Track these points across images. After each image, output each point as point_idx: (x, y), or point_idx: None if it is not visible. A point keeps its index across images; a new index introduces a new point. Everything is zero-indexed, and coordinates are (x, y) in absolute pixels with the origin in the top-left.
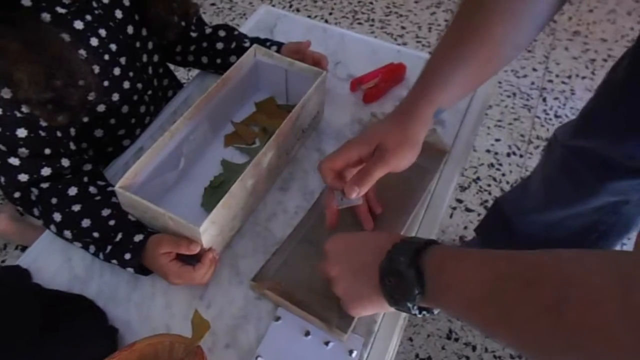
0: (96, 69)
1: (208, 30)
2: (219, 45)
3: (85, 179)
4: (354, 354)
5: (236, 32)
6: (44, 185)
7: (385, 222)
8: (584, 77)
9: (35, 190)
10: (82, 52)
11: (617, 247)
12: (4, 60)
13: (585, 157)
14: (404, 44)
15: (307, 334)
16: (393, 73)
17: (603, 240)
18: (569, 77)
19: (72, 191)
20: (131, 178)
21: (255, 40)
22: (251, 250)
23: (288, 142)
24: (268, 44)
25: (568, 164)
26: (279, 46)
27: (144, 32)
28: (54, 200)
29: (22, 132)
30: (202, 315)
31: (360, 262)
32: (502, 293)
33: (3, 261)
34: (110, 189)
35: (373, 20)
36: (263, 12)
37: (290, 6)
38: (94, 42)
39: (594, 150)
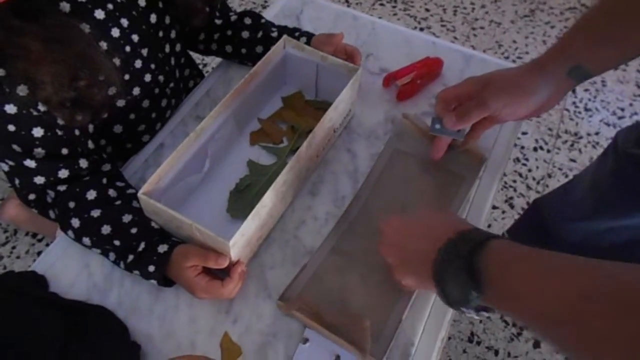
0: (117, 62)
1: (233, 17)
2: (245, 34)
3: (104, 181)
4: None
5: (263, 20)
6: (61, 187)
7: None
8: (616, 69)
9: (51, 193)
10: (103, 44)
11: None
12: (25, 61)
13: None
14: (428, 27)
15: (338, 358)
16: (429, 68)
17: None
18: None
19: (91, 195)
20: (154, 183)
21: (283, 29)
22: (279, 260)
23: (320, 145)
24: (297, 34)
25: (625, 173)
26: (309, 37)
27: (167, 19)
28: (71, 204)
29: (38, 132)
30: (232, 339)
31: (418, 251)
32: (587, 316)
33: (13, 247)
34: (130, 191)
35: (396, 1)
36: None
37: None
38: (115, 32)
39: None
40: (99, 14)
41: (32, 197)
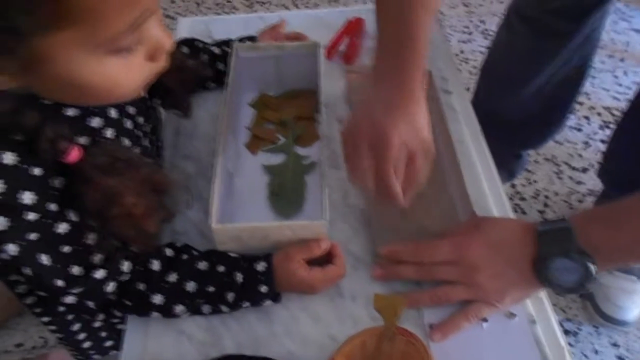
0: (137, 150)
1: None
2: (190, 62)
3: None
4: (515, 319)
5: (199, 44)
6: (124, 278)
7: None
8: None
9: (115, 290)
10: (124, 140)
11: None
12: (130, 217)
13: (563, 9)
14: None
15: None
16: (356, 28)
17: (581, 75)
18: None
19: (156, 265)
20: (217, 213)
21: (221, 43)
22: (351, 232)
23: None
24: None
25: (543, 26)
26: (250, 39)
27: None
28: (141, 286)
29: (92, 238)
30: (384, 295)
31: (508, 258)
32: None
33: None
34: (178, 244)
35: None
36: (189, 24)
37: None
38: (128, 124)
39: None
40: (112, 113)
41: (95, 306)
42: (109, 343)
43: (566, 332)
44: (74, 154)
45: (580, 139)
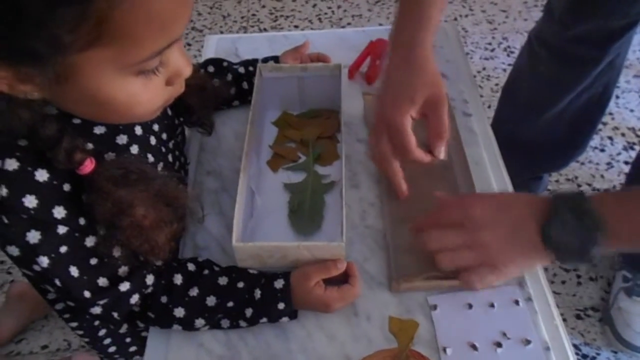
0: (160, 166)
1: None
2: (215, 82)
3: (175, 264)
4: (521, 303)
5: (225, 64)
6: (147, 291)
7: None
8: None
9: (138, 302)
10: (149, 156)
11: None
12: (140, 229)
13: (586, 36)
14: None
15: (470, 306)
16: (379, 49)
17: (604, 101)
18: None
19: (178, 279)
20: (239, 231)
21: (245, 62)
22: (368, 252)
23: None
24: (260, 61)
25: (565, 53)
26: (274, 59)
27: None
28: (164, 299)
29: (117, 251)
30: (399, 319)
31: (515, 219)
32: None
33: None
34: (200, 259)
35: (265, 29)
36: (216, 42)
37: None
38: (153, 140)
39: (595, 26)
40: (138, 130)
41: (120, 317)
42: (133, 348)
43: (584, 357)
44: (88, 166)
45: (603, 160)
